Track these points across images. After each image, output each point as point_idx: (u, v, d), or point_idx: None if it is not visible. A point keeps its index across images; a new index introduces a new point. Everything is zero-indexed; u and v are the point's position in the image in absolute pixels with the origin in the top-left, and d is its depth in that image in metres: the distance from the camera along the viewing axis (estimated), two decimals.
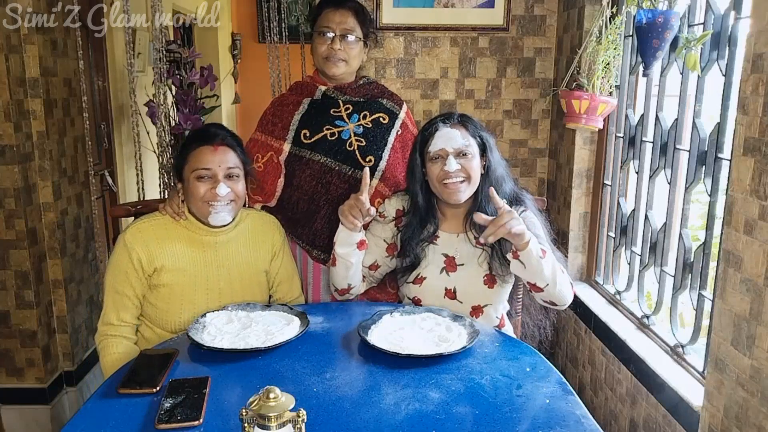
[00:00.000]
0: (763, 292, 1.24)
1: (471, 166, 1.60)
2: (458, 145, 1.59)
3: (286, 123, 1.82)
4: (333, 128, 1.80)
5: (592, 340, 2.26)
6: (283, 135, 1.82)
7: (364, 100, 1.84)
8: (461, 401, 1.19)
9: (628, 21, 2.10)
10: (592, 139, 2.41)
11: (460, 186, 1.60)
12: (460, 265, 1.65)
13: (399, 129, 1.86)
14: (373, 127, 1.82)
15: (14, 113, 2.23)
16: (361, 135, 1.80)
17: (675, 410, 1.67)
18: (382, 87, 1.92)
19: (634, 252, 2.14)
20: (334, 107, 1.82)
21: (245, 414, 0.91)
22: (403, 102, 1.93)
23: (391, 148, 1.83)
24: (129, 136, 3.59)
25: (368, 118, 1.82)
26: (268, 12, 2.97)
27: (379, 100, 1.87)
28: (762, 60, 1.24)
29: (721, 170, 1.63)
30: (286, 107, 1.86)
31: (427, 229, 1.68)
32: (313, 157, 1.79)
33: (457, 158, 1.59)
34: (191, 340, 1.39)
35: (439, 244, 1.68)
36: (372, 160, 1.80)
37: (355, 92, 1.83)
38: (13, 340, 2.38)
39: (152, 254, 1.56)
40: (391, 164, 1.82)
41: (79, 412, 1.16)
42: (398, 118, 1.87)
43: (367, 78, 1.90)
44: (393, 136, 1.84)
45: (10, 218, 2.28)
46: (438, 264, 1.66)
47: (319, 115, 1.81)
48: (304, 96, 1.85)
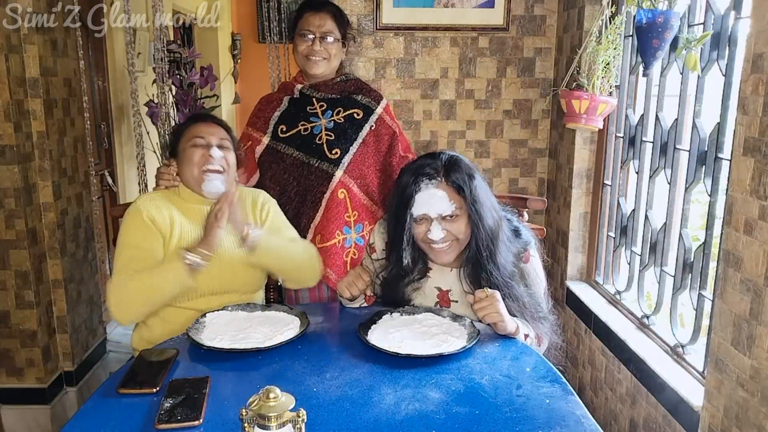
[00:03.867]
0: (763, 292, 1.24)
1: (459, 228, 1.53)
2: (444, 210, 1.51)
3: (267, 118, 1.95)
4: (307, 124, 1.89)
5: (592, 340, 2.26)
6: (264, 129, 1.94)
7: (338, 97, 1.92)
8: (461, 401, 1.19)
9: (628, 21, 2.10)
10: (592, 139, 2.41)
11: (446, 249, 1.55)
12: (454, 301, 1.64)
13: (373, 124, 1.91)
14: (345, 122, 1.89)
15: (14, 113, 2.23)
16: (331, 129, 1.88)
17: (675, 410, 1.67)
18: (360, 83, 1.97)
19: (634, 252, 2.14)
20: (310, 105, 1.91)
21: (245, 414, 0.91)
22: (382, 98, 1.97)
23: (362, 143, 1.89)
24: (129, 136, 3.60)
25: (342, 114, 1.90)
26: (268, 12, 2.97)
27: (354, 96, 1.93)
28: (762, 60, 1.24)
29: (721, 170, 1.63)
30: (270, 104, 1.98)
31: (414, 273, 1.63)
32: (286, 150, 1.89)
33: (443, 222, 1.52)
34: (191, 340, 1.39)
35: (431, 277, 1.65)
36: (338, 152, 1.86)
37: (330, 90, 1.92)
38: (13, 340, 2.38)
39: (163, 217, 1.60)
40: (358, 158, 1.88)
41: (79, 412, 1.16)
42: (374, 113, 1.92)
43: (346, 75, 1.97)
44: (366, 131, 1.90)
45: (10, 218, 2.28)
46: (431, 298, 1.65)
47: (297, 112, 1.92)
48: (286, 94, 1.96)
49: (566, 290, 2.49)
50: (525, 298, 1.56)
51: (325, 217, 1.84)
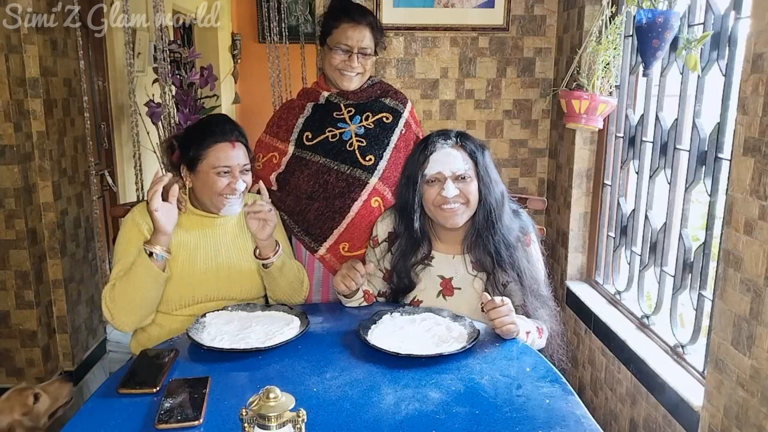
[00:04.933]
0: (763, 292, 1.24)
1: (469, 190, 1.56)
2: (458, 168, 1.55)
3: (290, 126, 1.86)
4: (335, 130, 1.81)
5: (592, 340, 2.26)
6: (286, 137, 1.85)
7: (366, 102, 1.85)
8: (461, 401, 1.19)
9: (628, 21, 2.10)
10: (592, 139, 2.41)
11: (457, 210, 1.57)
12: (457, 288, 1.64)
13: (403, 128, 1.86)
14: (375, 128, 1.83)
15: (14, 113, 2.23)
16: (362, 135, 1.81)
17: (675, 410, 1.66)
18: (386, 85, 1.92)
19: (634, 252, 2.14)
20: (337, 111, 1.84)
21: (245, 414, 0.91)
22: (408, 100, 1.93)
23: (394, 148, 1.83)
24: (129, 136, 3.59)
25: (371, 119, 1.83)
26: (268, 12, 2.97)
27: (382, 99, 1.88)
28: (762, 60, 1.24)
29: (721, 170, 1.63)
30: (291, 111, 1.89)
31: (420, 251, 1.65)
32: (313, 158, 1.80)
33: (456, 182, 1.56)
34: (191, 340, 1.39)
35: (434, 266, 1.66)
36: (372, 159, 1.80)
37: (357, 96, 1.85)
38: (13, 340, 2.38)
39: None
40: (392, 164, 1.82)
41: (79, 412, 1.16)
42: (402, 117, 1.87)
43: (372, 79, 1.90)
44: (396, 136, 1.84)
45: (10, 218, 2.29)
46: (434, 287, 1.65)
47: (322, 118, 1.84)
48: (309, 101, 1.88)
49: (566, 290, 2.49)
50: (527, 272, 1.59)
51: (355, 225, 1.77)
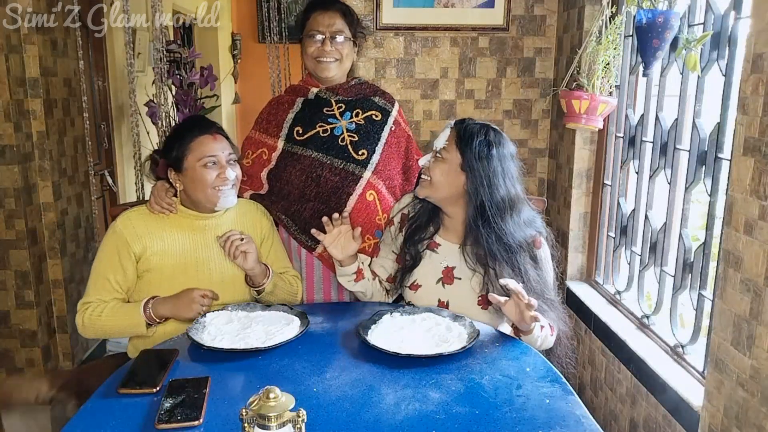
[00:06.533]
0: (763, 292, 1.24)
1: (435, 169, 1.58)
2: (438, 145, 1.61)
3: (280, 121, 1.86)
4: (326, 125, 1.83)
5: (592, 340, 2.26)
6: (276, 132, 1.86)
7: (355, 99, 1.87)
8: (461, 401, 1.19)
9: (628, 21, 2.10)
10: (592, 139, 2.41)
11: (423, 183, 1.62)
12: (458, 278, 1.64)
13: (392, 126, 1.88)
14: (366, 124, 1.85)
15: (14, 113, 2.23)
16: (353, 131, 1.83)
17: (675, 410, 1.66)
18: (374, 86, 1.94)
19: (634, 252, 2.14)
20: (327, 107, 1.85)
21: (245, 414, 0.91)
22: (395, 100, 1.95)
23: (385, 143, 1.85)
24: (129, 136, 3.59)
25: (360, 116, 1.85)
26: (268, 12, 2.97)
27: (371, 98, 1.90)
28: (762, 60, 1.24)
29: (721, 170, 1.63)
30: (281, 106, 1.90)
31: (430, 230, 1.68)
32: (305, 153, 1.81)
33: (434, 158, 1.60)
34: (191, 340, 1.39)
35: (439, 253, 1.67)
36: (365, 153, 1.82)
37: (346, 92, 1.86)
38: (13, 340, 2.38)
39: (142, 241, 1.60)
40: (384, 159, 1.84)
41: (79, 412, 1.16)
42: (391, 116, 1.89)
43: (359, 79, 1.92)
44: (386, 132, 1.86)
45: (10, 218, 2.29)
46: (436, 273, 1.66)
47: (313, 114, 1.85)
48: (298, 96, 1.89)
49: (566, 290, 2.49)
50: (530, 274, 1.58)
51: (352, 220, 1.77)
